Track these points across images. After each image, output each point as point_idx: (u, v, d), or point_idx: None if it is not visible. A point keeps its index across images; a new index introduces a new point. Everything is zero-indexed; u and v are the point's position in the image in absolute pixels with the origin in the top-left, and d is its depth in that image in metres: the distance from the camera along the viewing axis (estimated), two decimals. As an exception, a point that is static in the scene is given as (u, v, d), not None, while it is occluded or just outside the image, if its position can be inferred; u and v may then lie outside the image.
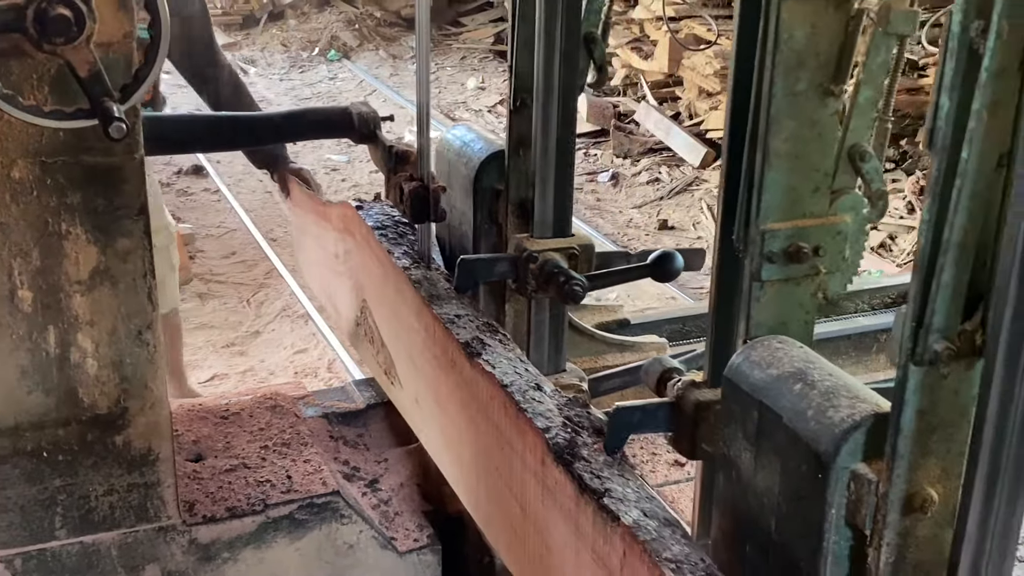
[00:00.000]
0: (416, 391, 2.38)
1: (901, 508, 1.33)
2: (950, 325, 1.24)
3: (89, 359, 2.02)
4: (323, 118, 2.90)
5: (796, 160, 1.59)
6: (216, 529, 2.21)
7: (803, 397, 1.40)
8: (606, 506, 1.57)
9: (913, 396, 1.29)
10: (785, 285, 1.65)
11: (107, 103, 1.72)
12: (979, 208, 1.20)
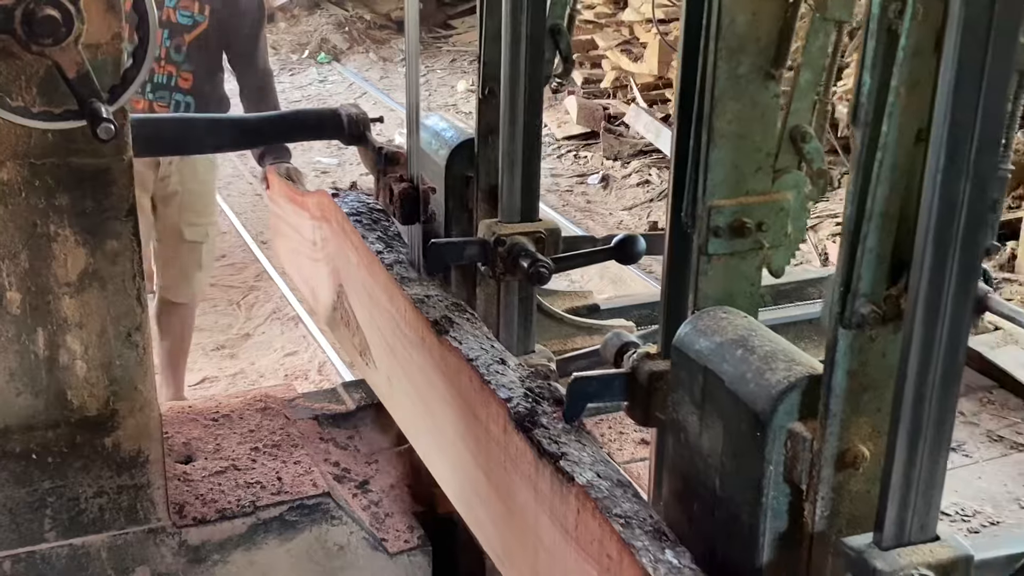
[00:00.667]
0: (389, 370, 2.46)
1: (834, 464, 1.40)
2: (876, 290, 1.32)
3: (78, 361, 2.02)
4: (312, 120, 2.90)
5: (739, 140, 1.66)
6: (206, 531, 2.21)
7: (744, 362, 1.48)
8: (562, 468, 1.66)
9: (843, 358, 1.36)
10: (731, 259, 1.72)
11: (95, 104, 1.72)
12: (900, 179, 1.28)
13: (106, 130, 1.71)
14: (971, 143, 1.17)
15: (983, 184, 1.19)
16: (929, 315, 1.24)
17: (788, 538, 1.46)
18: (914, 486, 1.32)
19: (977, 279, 1.26)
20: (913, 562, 1.31)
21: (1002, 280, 5.67)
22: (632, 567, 1.49)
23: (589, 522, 1.59)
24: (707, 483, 1.54)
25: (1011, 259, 5.85)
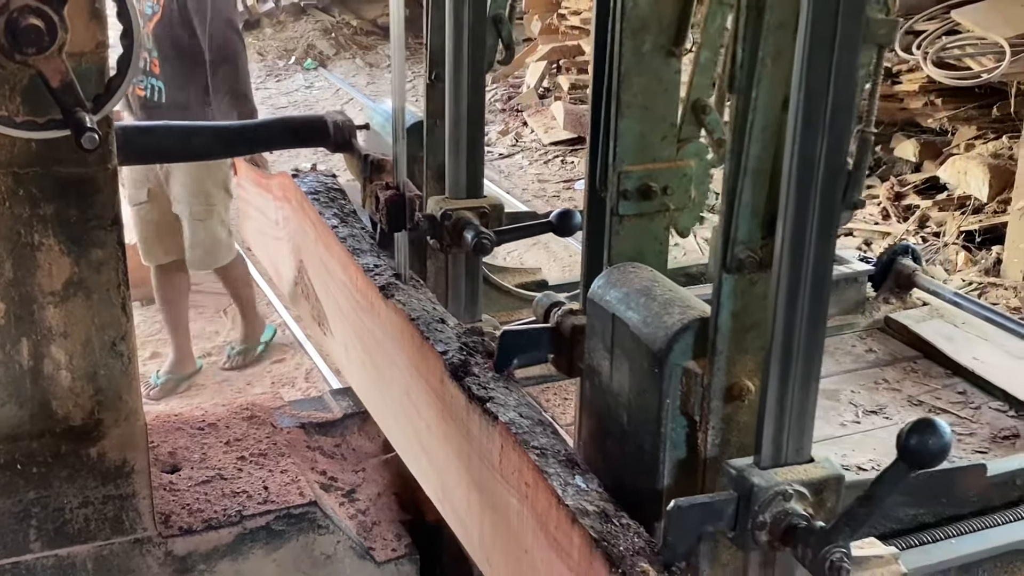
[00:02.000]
0: (344, 337, 2.62)
1: (723, 397, 1.56)
2: (752, 238, 1.49)
3: (63, 371, 2.01)
4: (298, 127, 2.89)
5: (645, 112, 1.83)
6: (192, 541, 2.20)
7: (646, 308, 1.64)
8: (488, 409, 1.83)
9: (727, 300, 1.52)
10: (640, 220, 1.90)
11: (79, 113, 1.72)
12: (770, 140, 1.44)
13: (90, 139, 1.71)
14: (826, 106, 1.33)
15: (838, 143, 1.36)
16: (794, 260, 1.40)
17: (685, 465, 1.61)
18: (788, 413, 1.46)
19: (836, 227, 1.42)
20: (788, 479, 1.45)
21: (987, 285, 5.69)
22: (545, 491, 1.65)
23: (511, 455, 1.76)
24: (616, 420, 1.70)
25: (996, 264, 5.87)
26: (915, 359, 2.93)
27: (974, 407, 2.69)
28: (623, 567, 1.48)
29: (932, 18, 6.43)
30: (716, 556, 1.58)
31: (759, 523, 1.44)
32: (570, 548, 1.61)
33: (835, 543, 1.41)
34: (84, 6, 1.79)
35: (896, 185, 6.70)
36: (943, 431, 1.38)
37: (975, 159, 6.19)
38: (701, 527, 1.48)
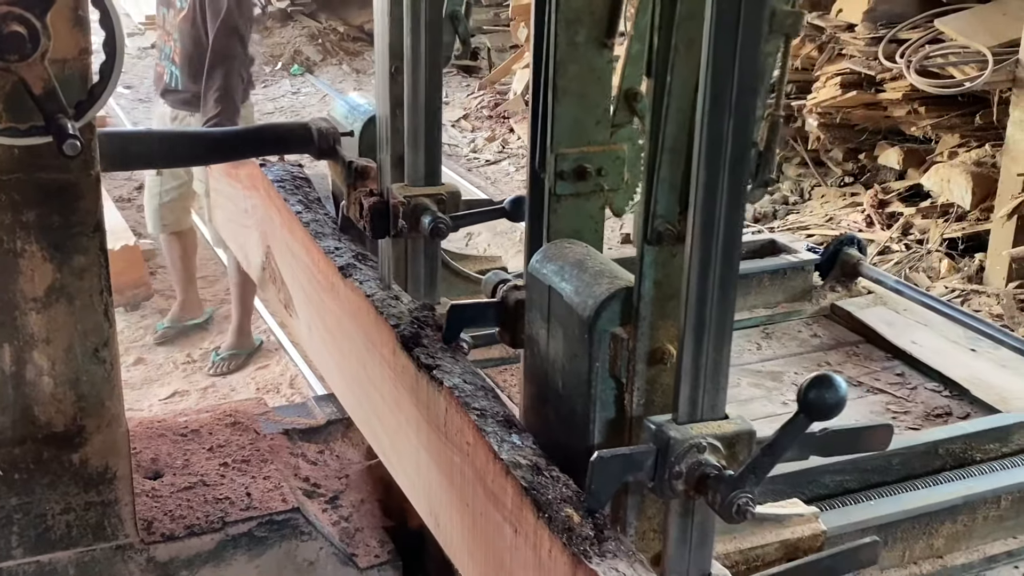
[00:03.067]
0: (308, 318, 2.77)
1: (647, 360, 1.68)
2: (670, 212, 1.61)
3: (45, 377, 2.01)
4: (282, 133, 2.90)
5: (580, 98, 1.95)
6: (174, 547, 2.21)
7: (578, 279, 1.76)
8: (435, 376, 1.98)
9: (649, 270, 1.65)
10: (576, 199, 2.01)
11: (61, 120, 1.72)
12: (684, 121, 1.54)
13: (72, 146, 1.71)
14: (731, 89, 1.44)
15: (744, 123, 1.46)
16: (705, 232, 1.51)
17: (614, 424, 1.74)
18: (703, 373, 1.57)
19: (745, 202, 1.53)
20: (702, 433, 1.56)
21: (970, 292, 5.72)
22: (483, 448, 1.79)
23: (454, 417, 1.92)
24: (552, 384, 1.83)
25: (979, 271, 5.91)
26: (857, 343, 3.08)
27: (911, 387, 2.84)
28: (549, 512, 1.61)
29: (915, 27, 6.47)
30: (643, 510, 1.74)
31: (675, 473, 1.55)
32: (504, 498, 1.74)
33: (742, 489, 1.52)
34: (67, 13, 1.79)
35: (880, 192, 6.75)
36: (839, 386, 1.50)
37: (958, 167, 6.24)
38: (622, 477, 1.59)
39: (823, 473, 2.30)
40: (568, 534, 1.57)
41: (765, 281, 3.34)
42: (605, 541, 1.57)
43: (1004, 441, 2.47)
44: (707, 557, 1.68)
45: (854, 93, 6.71)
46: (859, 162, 7.21)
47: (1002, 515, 2.29)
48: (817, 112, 6.94)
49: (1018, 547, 2.28)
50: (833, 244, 3.40)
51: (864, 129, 7.03)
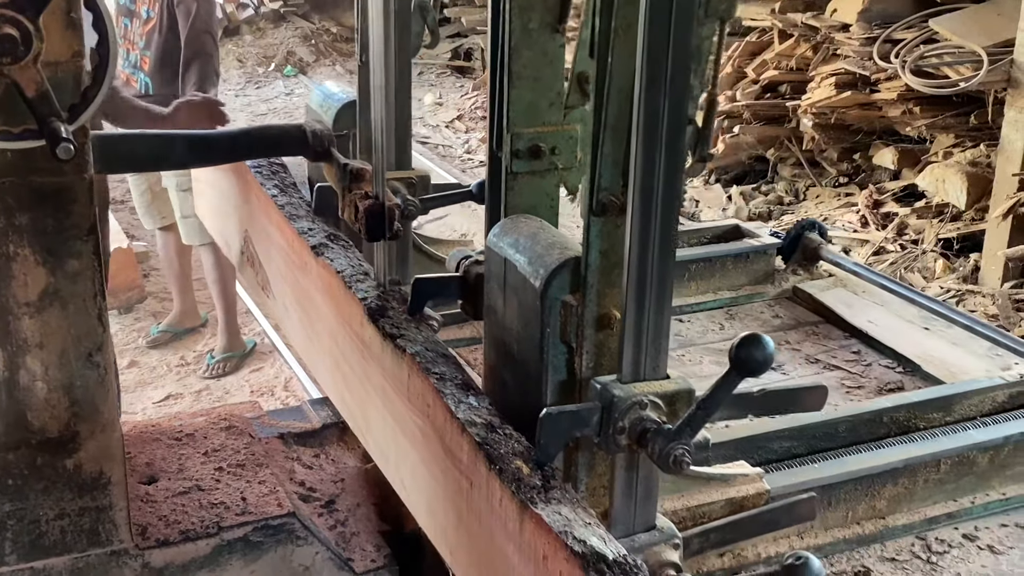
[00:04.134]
0: (283, 296, 2.88)
1: (595, 326, 1.78)
2: (613, 185, 1.71)
3: (39, 382, 2.00)
4: (277, 135, 2.88)
5: (534, 81, 2.09)
6: (169, 553, 2.19)
7: (531, 251, 1.86)
8: (399, 344, 2.10)
9: (595, 240, 1.75)
10: (532, 177, 2.16)
11: (54, 123, 1.71)
12: (624, 100, 1.64)
13: (65, 150, 1.70)
14: (666, 69, 1.55)
15: (679, 101, 1.58)
16: (644, 203, 1.62)
17: (565, 386, 1.83)
18: (644, 335, 1.68)
19: (682, 176, 1.64)
20: (644, 392, 1.67)
21: (965, 292, 5.73)
22: (442, 409, 1.90)
23: (416, 381, 2.03)
24: (509, 351, 1.93)
25: (974, 271, 5.91)
26: (817, 323, 3.22)
27: (865, 364, 2.97)
28: (501, 464, 1.71)
29: (910, 27, 6.48)
30: (593, 467, 1.84)
31: (619, 428, 1.66)
32: (460, 454, 1.85)
33: (678, 441, 1.62)
34: (60, 15, 1.78)
35: (875, 193, 6.75)
36: (767, 344, 1.60)
37: (953, 167, 6.24)
38: (569, 432, 1.71)
39: (772, 439, 2.40)
40: (517, 484, 1.67)
41: (729, 265, 3.43)
42: (551, 490, 1.66)
43: (947, 411, 2.57)
44: (652, 510, 1.79)
45: (849, 93, 6.71)
46: (854, 162, 7.21)
47: (942, 479, 2.38)
48: (812, 112, 6.95)
49: (958, 509, 2.36)
50: (795, 229, 3.52)
51: (859, 129, 7.04)
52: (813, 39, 7.06)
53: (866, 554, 2.24)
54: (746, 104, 7.40)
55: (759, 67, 7.43)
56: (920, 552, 2.25)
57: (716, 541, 1.92)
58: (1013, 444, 2.42)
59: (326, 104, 3.03)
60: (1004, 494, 2.41)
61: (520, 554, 1.67)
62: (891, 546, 2.26)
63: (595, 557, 1.51)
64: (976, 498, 2.39)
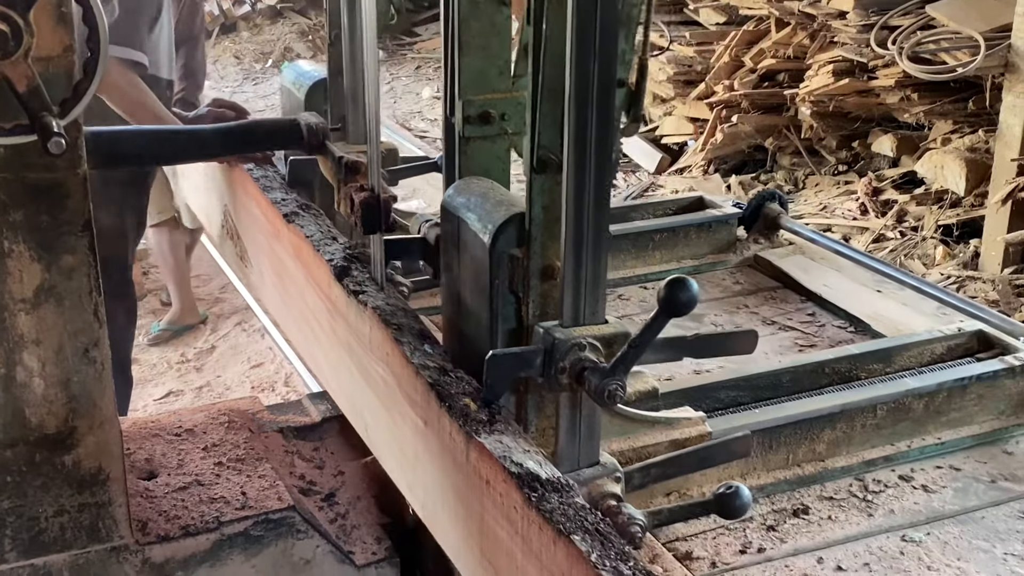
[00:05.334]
0: (259, 265, 3.07)
1: (539, 276, 1.94)
2: (552, 143, 1.83)
3: (36, 378, 2.00)
4: (272, 129, 2.89)
5: (483, 51, 2.25)
6: (170, 548, 2.20)
7: (481, 208, 2.00)
8: (361, 299, 2.28)
9: (538, 196, 1.89)
10: (483, 142, 2.30)
11: (46, 118, 1.71)
12: (559, 64, 1.76)
13: (57, 144, 1.70)
14: (595, 33, 1.68)
15: (608, 63, 1.72)
16: (578, 159, 1.76)
17: (514, 334, 1.98)
18: (583, 283, 1.83)
19: (613, 134, 1.78)
20: (584, 335, 1.82)
21: (966, 278, 5.72)
22: (399, 356, 2.06)
23: (376, 333, 2.20)
24: (463, 303, 2.08)
25: (974, 257, 5.90)
26: (775, 289, 3.38)
27: (819, 325, 3.14)
28: (450, 402, 1.89)
29: (907, 13, 6.46)
30: (541, 409, 1.99)
31: (560, 368, 1.81)
32: (415, 395, 2.02)
33: (612, 377, 1.76)
34: (50, 10, 1.78)
35: (874, 180, 6.74)
36: (691, 286, 1.76)
37: (952, 153, 6.23)
38: (514, 372, 1.87)
39: (718, 389, 2.55)
40: (465, 418, 1.84)
41: (692, 234, 3.57)
42: (496, 423, 1.83)
43: (887, 362, 2.71)
44: (595, 447, 1.93)
45: (846, 81, 6.69)
46: (853, 150, 7.19)
47: (879, 424, 2.51)
48: (810, 101, 6.93)
49: (895, 453, 2.49)
50: (755, 199, 3.65)
51: (857, 117, 7.02)
52: (810, 27, 7.03)
53: (806, 493, 2.35)
54: (744, 93, 7.38)
55: (756, 56, 7.41)
56: (857, 492, 2.37)
57: (656, 476, 2.02)
58: (947, 391, 2.56)
59: (299, 82, 3.17)
60: (940, 438, 2.54)
61: (467, 482, 1.83)
62: (830, 486, 2.39)
63: (530, 477, 1.67)
64: (912, 442, 2.52)
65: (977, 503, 2.33)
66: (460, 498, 1.88)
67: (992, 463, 2.48)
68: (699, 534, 2.20)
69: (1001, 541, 2.20)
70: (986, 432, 2.59)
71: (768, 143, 7.48)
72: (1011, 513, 2.29)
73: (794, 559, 2.14)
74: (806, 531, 2.23)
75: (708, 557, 2.14)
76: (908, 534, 2.23)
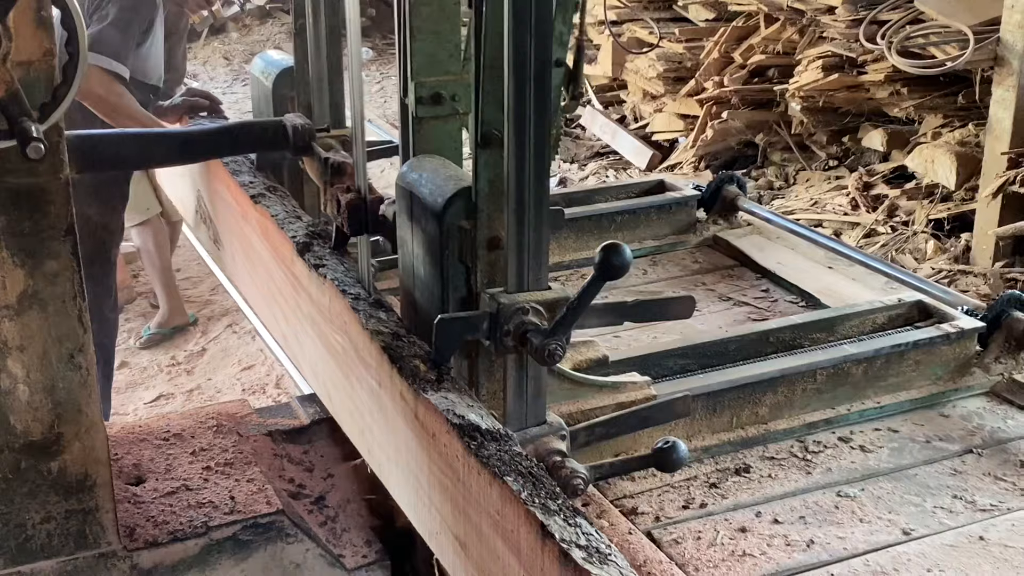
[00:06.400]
0: (230, 246, 3.26)
1: (486, 247, 2.06)
2: (495, 120, 1.94)
3: (20, 385, 1.99)
4: (257, 131, 2.88)
5: (433, 35, 2.35)
6: (158, 553, 2.19)
7: (432, 183, 2.12)
8: (321, 272, 2.43)
9: (483, 170, 2.00)
10: (435, 121, 2.40)
11: (25, 123, 1.70)
12: (499, 43, 1.84)
13: (35, 149, 1.69)
14: (531, 14, 1.76)
15: (544, 42, 1.81)
16: (518, 134, 1.85)
17: (464, 301, 2.10)
18: (526, 251, 1.94)
19: (549, 109, 1.87)
20: (527, 300, 1.94)
21: (957, 272, 5.71)
22: (355, 323, 2.21)
23: (334, 303, 2.35)
24: (418, 274, 2.18)
25: (966, 251, 5.90)
26: (732, 267, 3.50)
27: (772, 300, 3.26)
28: (401, 364, 2.01)
29: (896, 8, 6.46)
30: (491, 373, 2.12)
31: (505, 331, 1.93)
32: (370, 360, 2.14)
33: (552, 338, 1.88)
34: (30, 14, 1.77)
35: (864, 175, 6.73)
36: (624, 251, 1.86)
37: (942, 147, 6.23)
38: (462, 336, 1.99)
39: (667, 357, 2.64)
40: (414, 378, 1.96)
41: (653, 216, 3.67)
42: (443, 382, 1.96)
43: (830, 331, 2.79)
44: (542, 408, 2.03)
45: (836, 76, 6.69)
46: (843, 145, 7.19)
47: (819, 388, 2.59)
48: (800, 96, 6.93)
49: (835, 416, 2.57)
50: (715, 182, 3.76)
51: (847, 112, 7.02)
52: (799, 22, 7.03)
53: (749, 454, 2.44)
54: (734, 89, 7.38)
55: (746, 52, 7.41)
56: (797, 452, 2.46)
57: (600, 435, 2.11)
58: (885, 357, 2.65)
59: (267, 71, 3.31)
60: (879, 402, 2.63)
61: (417, 437, 1.97)
62: (772, 447, 2.48)
63: (470, 428, 1.81)
64: (852, 406, 2.61)
65: (911, 461, 2.42)
66: (411, 453, 2.00)
67: (928, 425, 2.57)
68: (645, 492, 2.30)
69: (932, 495, 2.29)
70: (924, 396, 2.68)
71: (758, 139, 7.48)
72: (943, 471, 2.38)
73: (733, 513, 2.23)
74: (747, 488, 2.32)
75: (652, 512, 2.23)
76: (843, 490, 2.31)
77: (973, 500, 2.27)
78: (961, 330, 2.73)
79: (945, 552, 2.10)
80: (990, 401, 2.68)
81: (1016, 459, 2.42)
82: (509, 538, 1.68)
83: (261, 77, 3.33)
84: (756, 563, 2.06)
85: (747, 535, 2.14)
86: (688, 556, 2.08)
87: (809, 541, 2.12)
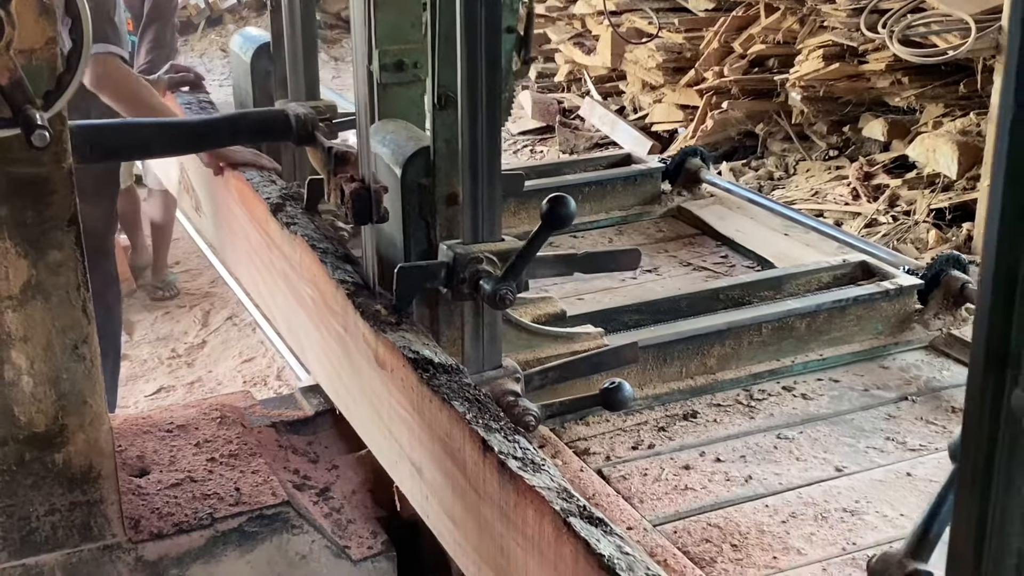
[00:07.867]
0: (213, 215, 3.47)
1: (445, 203, 2.24)
2: (451, 82, 2.09)
3: (24, 376, 1.98)
4: (260, 121, 2.87)
5: (396, 6, 2.53)
6: (163, 545, 2.18)
7: (394, 144, 2.29)
8: (292, 229, 2.59)
9: (440, 130, 2.16)
10: (398, 87, 2.61)
11: (29, 111, 1.68)
12: (451, 12, 1.98)
13: (40, 137, 1.67)
14: None
15: (494, 9, 1.96)
16: (471, 96, 2.01)
17: (426, 254, 2.27)
18: (480, 205, 2.11)
19: (499, 73, 2.02)
20: (481, 250, 2.11)
21: (959, 261, 5.69)
22: (323, 276, 2.36)
23: (304, 258, 2.50)
24: (384, 232, 2.33)
25: (967, 240, 5.89)
26: (694, 235, 3.66)
27: (730, 265, 3.41)
28: (364, 308, 2.18)
29: (897, -4, 6.43)
30: (451, 321, 2.26)
31: (461, 279, 2.10)
32: (336, 308, 2.30)
33: (503, 283, 2.04)
34: (33, 2, 1.75)
35: (865, 165, 6.72)
36: (569, 202, 1.99)
37: (943, 136, 6.21)
38: (421, 283, 2.16)
39: (622, 312, 2.81)
40: (375, 321, 2.12)
41: (619, 187, 3.81)
42: (402, 324, 2.13)
43: (777, 289, 2.96)
44: (498, 352, 2.20)
45: (837, 65, 6.67)
46: (844, 135, 7.17)
47: (765, 340, 2.72)
48: (800, 86, 6.91)
49: (780, 367, 2.71)
50: (679, 155, 3.91)
51: (848, 101, 7.00)
52: (799, 12, 7.01)
53: (697, 402, 2.59)
54: (734, 79, 7.36)
55: (746, 42, 7.38)
56: (743, 400, 2.61)
57: (553, 378, 2.25)
58: (827, 312, 2.79)
59: (245, 47, 3.46)
60: (822, 355, 2.77)
61: (377, 374, 2.12)
62: (719, 395, 2.63)
63: (424, 361, 1.97)
64: (796, 358, 2.74)
65: (849, 407, 2.57)
66: (373, 389, 2.16)
67: (868, 376, 2.72)
68: (597, 435, 2.44)
69: (866, 437, 2.44)
70: (865, 349, 2.81)
71: (758, 129, 7.46)
72: (878, 416, 2.53)
73: (679, 453, 2.37)
74: (693, 431, 2.47)
75: (603, 452, 2.38)
76: (783, 432, 2.45)
77: (904, 441, 2.41)
78: (900, 287, 2.86)
79: (873, 486, 2.24)
80: (928, 354, 2.81)
81: (948, 405, 2.55)
82: (456, 456, 1.83)
83: (240, 52, 3.46)
84: (697, 496, 2.20)
85: (690, 472, 2.29)
86: (634, 490, 2.22)
87: (748, 477, 2.27)
